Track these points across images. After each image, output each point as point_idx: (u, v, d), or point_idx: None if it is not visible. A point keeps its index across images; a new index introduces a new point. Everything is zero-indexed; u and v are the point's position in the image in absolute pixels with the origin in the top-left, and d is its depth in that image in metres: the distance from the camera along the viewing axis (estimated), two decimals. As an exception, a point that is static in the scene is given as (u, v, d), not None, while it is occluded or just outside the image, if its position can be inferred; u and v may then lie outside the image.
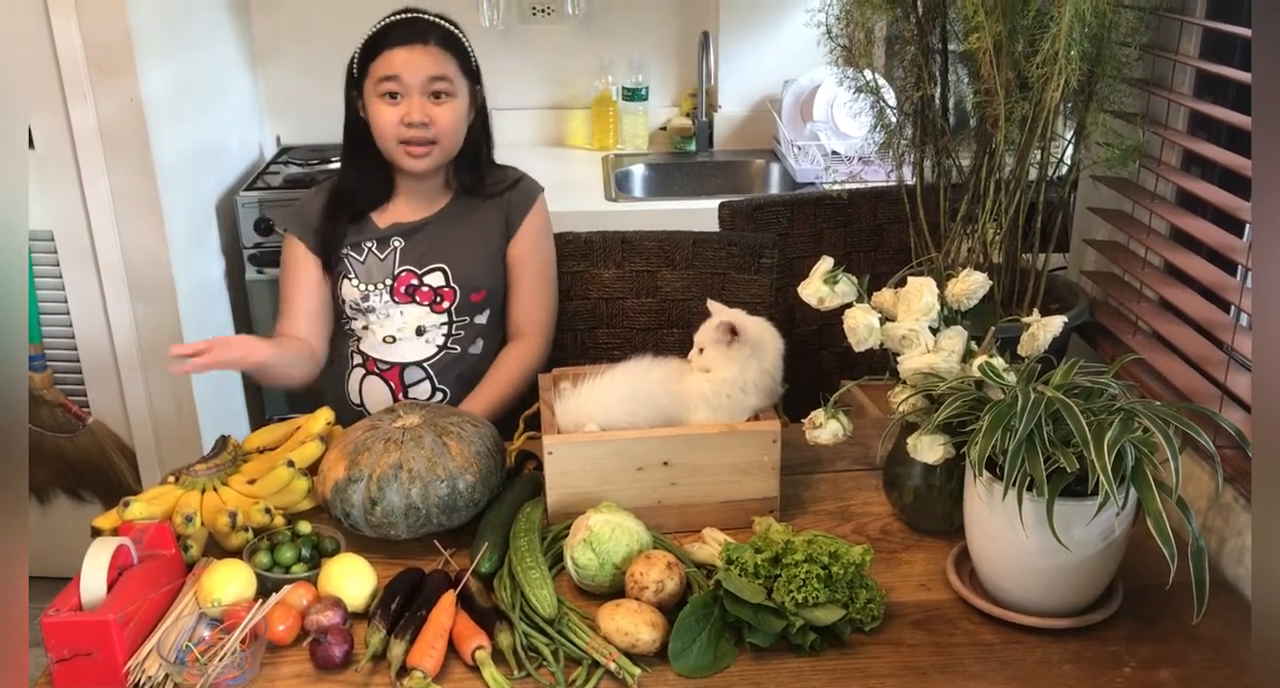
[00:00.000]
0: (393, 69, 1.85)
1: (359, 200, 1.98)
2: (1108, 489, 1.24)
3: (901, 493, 1.62)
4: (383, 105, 1.87)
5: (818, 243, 2.33)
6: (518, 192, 2.02)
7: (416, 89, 1.85)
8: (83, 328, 2.70)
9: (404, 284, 1.96)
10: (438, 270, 1.96)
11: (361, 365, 2.01)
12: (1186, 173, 1.70)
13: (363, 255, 1.96)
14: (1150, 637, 1.40)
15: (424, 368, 1.99)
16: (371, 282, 1.96)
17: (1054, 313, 1.75)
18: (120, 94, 2.47)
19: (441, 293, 1.96)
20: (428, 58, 1.86)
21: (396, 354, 1.98)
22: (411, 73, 1.85)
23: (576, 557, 1.47)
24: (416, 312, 1.97)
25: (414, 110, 1.86)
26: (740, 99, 3.35)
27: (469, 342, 2.00)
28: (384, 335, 1.97)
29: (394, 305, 1.96)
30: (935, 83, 1.76)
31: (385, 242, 1.97)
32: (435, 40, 1.87)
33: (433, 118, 1.87)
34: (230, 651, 1.34)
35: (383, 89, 1.86)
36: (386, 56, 1.86)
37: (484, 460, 1.58)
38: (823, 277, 1.56)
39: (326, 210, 1.98)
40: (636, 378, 1.66)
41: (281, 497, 1.63)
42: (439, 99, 1.87)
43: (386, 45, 1.86)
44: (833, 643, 1.39)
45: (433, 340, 1.98)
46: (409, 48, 1.85)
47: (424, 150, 1.89)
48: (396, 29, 1.87)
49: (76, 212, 2.58)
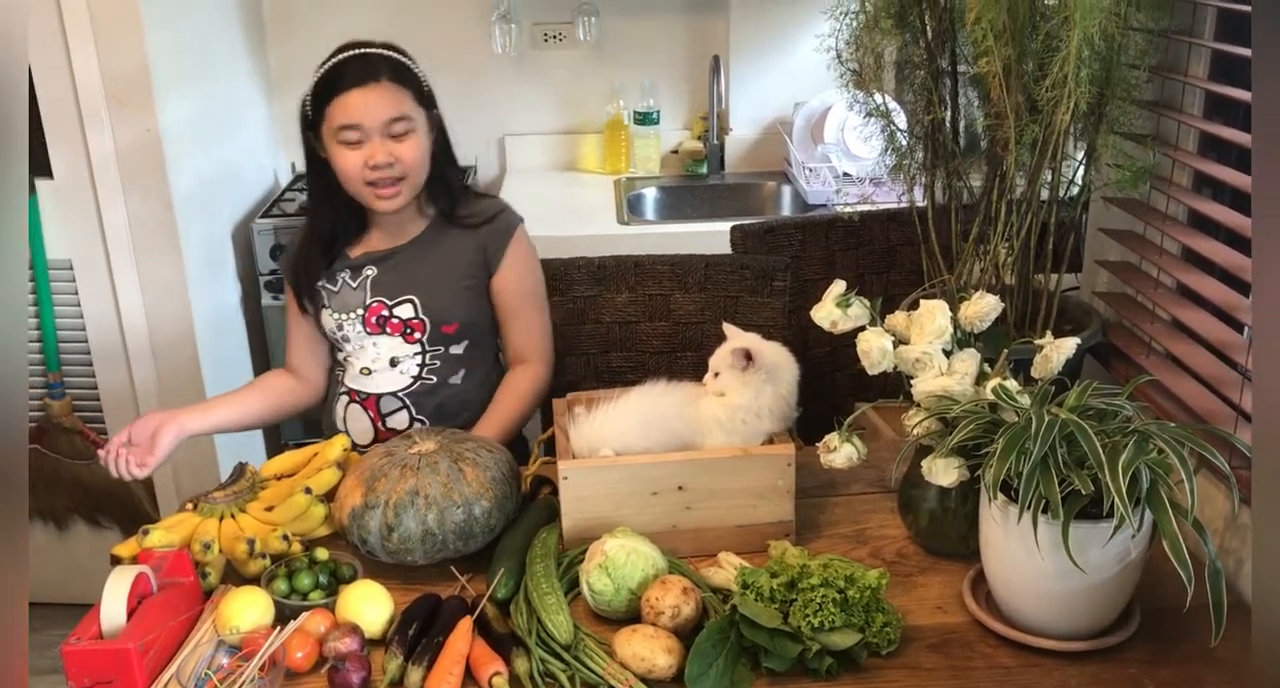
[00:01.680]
0: (350, 116, 1.80)
1: (331, 241, 1.96)
2: (1123, 512, 1.24)
3: (917, 516, 1.62)
4: (344, 150, 1.83)
5: (830, 265, 2.34)
6: (494, 226, 1.96)
7: (376, 131, 1.81)
8: (100, 356, 2.72)
9: (375, 315, 1.94)
10: (407, 301, 1.93)
11: (346, 394, 2.00)
12: (1197, 194, 1.71)
13: (337, 285, 1.95)
14: (1168, 659, 1.39)
15: (399, 398, 1.96)
16: (345, 311, 1.94)
17: (1067, 334, 1.75)
18: (138, 124, 2.50)
19: (412, 324, 1.94)
20: (383, 98, 1.81)
21: (373, 385, 1.96)
22: (369, 117, 1.80)
23: (592, 582, 1.47)
24: (389, 343, 1.95)
25: (377, 153, 1.81)
26: (751, 122, 3.37)
27: (447, 372, 1.97)
28: (360, 367, 1.96)
29: (366, 336, 1.95)
30: (945, 106, 1.77)
31: (358, 270, 1.95)
32: (388, 77, 1.82)
33: (397, 156, 1.83)
34: (249, 678, 1.34)
35: (342, 137, 1.82)
36: (341, 101, 1.80)
37: (499, 486, 1.59)
38: (835, 300, 1.57)
39: (300, 251, 1.97)
40: (651, 402, 1.66)
41: (299, 524, 1.63)
42: (400, 138, 1.83)
43: (339, 89, 1.81)
44: (849, 667, 1.39)
45: (407, 372, 1.96)
46: (363, 90, 1.80)
47: (393, 190, 1.86)
48: (347, 70, 1.82)
49: (94, 241, 2.61)
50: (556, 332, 2.14)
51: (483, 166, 3.43)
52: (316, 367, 2.03)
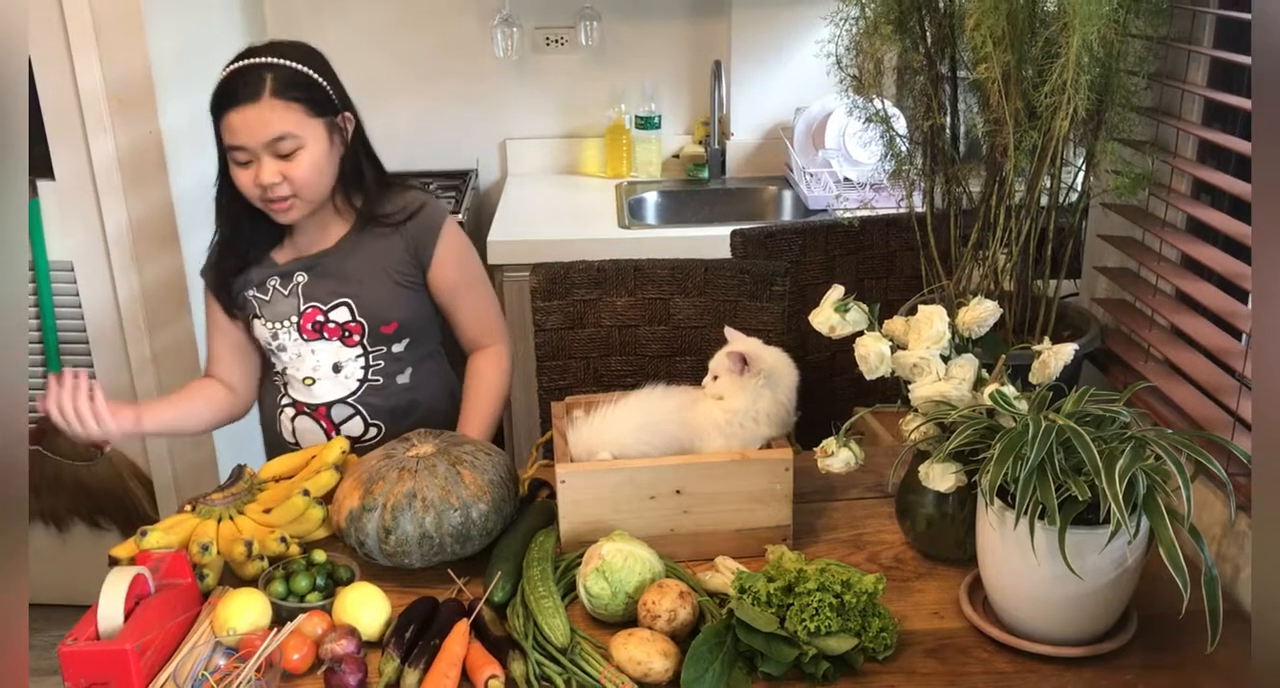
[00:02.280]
0: (234, 137, 1.76)
1: (244, 248, 1.92)
2: (1119, 518, 1.24)
3: (914, 521, 1.62)
4: (237, 169, 1.80)
5: (830, 270, 2.34)
6: (419, 221, 1.91)
7: (261, 151, 1.76)
8: (101, 358, 2.73)
9: (310, 321, 1.90)
10: (342, 305, 1.90)
11: (291, 406, 1.97)
12: (1196, 200, 1.71)
13: (268, 294, 1.92)
14: (1164, 666, 1.39)
15: (350, 404, 1.94)
16: (278, 319, 1.91)
17: (1066, 340, 1.75)
18: (140, 126, 2.51)
19: (349, 328, 1.91)
20: (264, 118, 1.74)
21: (319, 394, 1.94)
22: (250, 138, 1.75)
23: (589, 586, 1.47)
24: (328, 348, 1.92)
25: (264, 173, 1.77)
26: (752, 127, 3.37)
27: (393, 372, 1.95)
28: (302, 377, 1.93)
29: (304, 344, 1.91)
30: (945, 111, 1.77)
31: (288, 277, 1.91)
32: (271, 92, 1.75)
33: (285, 174, 1.78)
34: (246, 680, 1.34)
35: (232, 157, 1.79)
36: (226, 121, 1.76)
37: (497, 489, 1.59)
38: (834, 305, 1.57)
39: (217, 262, 1.94)
40: (649, 406, 1.66)
41: (297, 526, 1.64)
42: (288, 156, 1.77)
43: (224, 108, 1.76)
44: (845, 672, 1.39)
45: (351, 376, 1.93)
46: (242, 110, 1.74)
47: (286, 205, 1.81)
48: (231, 86, 1.76)
49: (96, 242, 2.61)
50: (556, 335, 2.15)
51: (484, 170, 3.44)
52: (246, 377, 2.00)
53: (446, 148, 3.39)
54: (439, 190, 3.20)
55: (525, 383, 2.82)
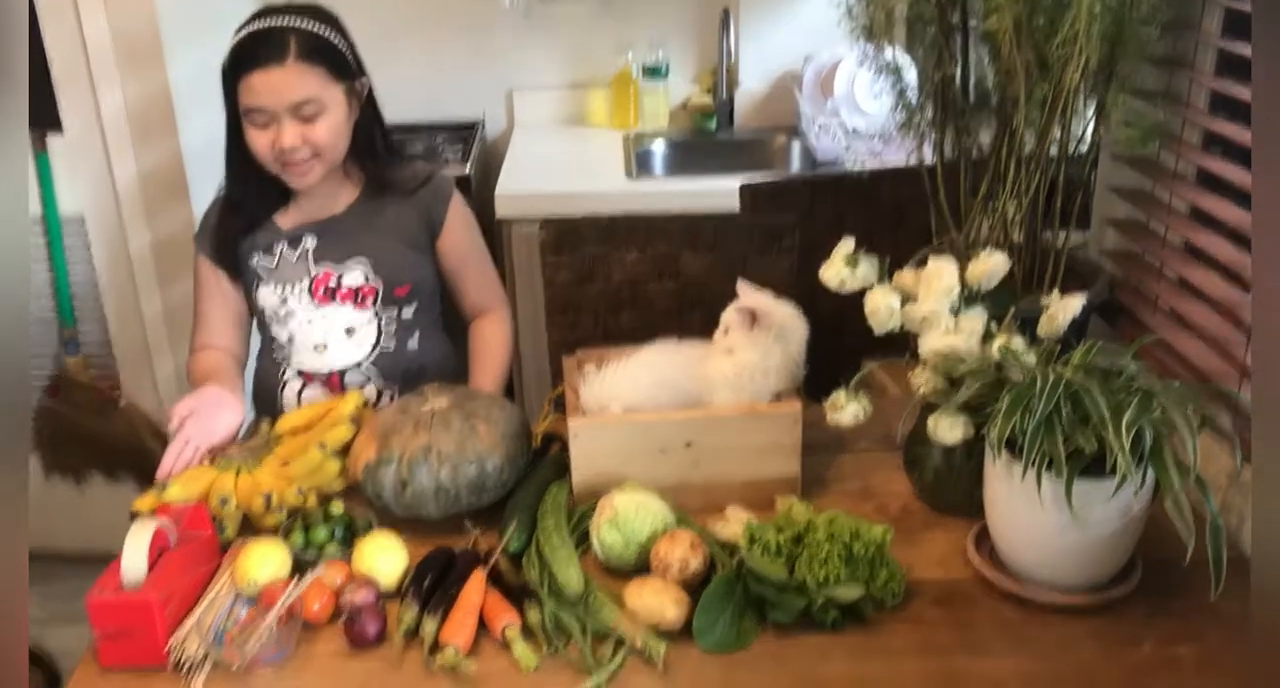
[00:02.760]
0: (255, 99, 1.73)
1: (252, 209, 1.90)
2: (1126, 469, 1.26)
3: (922, 472, 1.64)
4: (254, 131, 1.77)
5: (839, 223, 2.33)
6: (430, 189, 1.94)
7: (285, 113, 1.74)
8: (115, 311, 2.75)
9: (322, 285, 1.90)
10: (357, 266, 1.90)
11: (298, 377, 1.96)
12: (1207, 152, 1.71)
13: (273, 259, 1.90)
14: (1169, 613, 1.41)
15: (363, 371, 1.94)
16: (286, 282, 1.90)
17: (1074, 292, 1.76)
18: (148, 80, 2.50)
19: (363, 291, 1.90)
20: (288, 81, 1.73)
21: (330, 362, 1.93)
22: (274, 101, 1.73)
23: (602, 536, 1.50)
24: (340, 312, 1.91)
25: (285, 136, 1.75)
26: (761, 76, 3.35)
27: (404, 337, 1.96)
28: (313, 344, 1.92)
29: (315, 309, 1.90)
30: (956, 62, 1.76)
31: (296, 241, 1.90)
32: (295, 55, 1.73)
33: (306, 137, 1.77)
34: (267, 629, 1.37)
35: (250, 119, 1.76)
36: (246, 83, 1.73)
37: (511, 443, 1.61)
38: (844, 259, 1.58)
39: (221, 222, 1.92)
40: (660, 361, 1.68)
41: (314, 478, 1.66)
42: (310, 119, 1.76)
43: (244, 68, 1.73)
44: (854, 620, 1.41)
45: (365, 340, 1.93)
46: (266, 71, 1.72)
47: (305, 167, 1.80)
48: (252, 47, 1.74)
49: (107, 196, 2.62)
50: (565, 290, 2.16)
51: (490, 121, 3.42)
52: (242, 342, 1.99)
53: (453, 99, 3.38)
54: (445, 142, 3.20)
55: (535, 337, 2.84)
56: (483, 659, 1.37)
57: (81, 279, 2.73)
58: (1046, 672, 1.34)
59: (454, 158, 3.08)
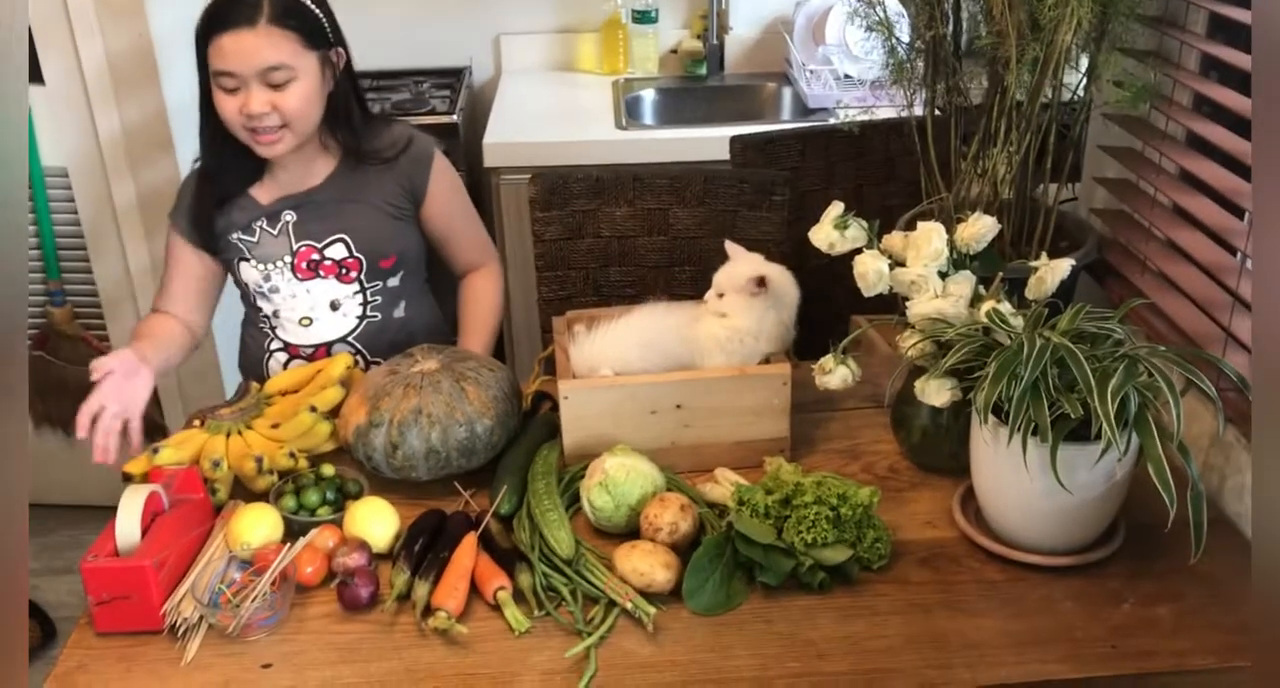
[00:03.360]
0: (225, 62, 1.69)
1: (227, 182, 1.86)
2: (1110, 436, 1.27)
3: (909, 432, 1.65)
4: (222, 95, 1.73)
5: (829, 176, 2.33)
6: (410, 156, 1.90)
7: (253, 79, 1.70)
8: (100, 263, 2.73)
9: (304, 260, 1.87)
10: (338, 242, 1.87)
11: (284, 350, 1.95)
12: (1197, 114, 1.70)
13: (254, 235, 1.87)
14: (1150, 574, 1.44)
15: (349, 343, 1.93)
16: (269, 260, 1.87)
17: (1063, 251, 1.76)
18: (129, 30, 2.46)
19: (346, 264, 1.88)
20: (259, 45, 1.68)
21: (316, 335, 1.92)
22: (243, 64, 1.69)
23: (593, 499, 1.51)
24: (324, 286, 1.89)
25: (252, 102, 1.71)
26: (752, 21, 3.31)
27: (389, 306, 1.95)
28: (299, 318, 1.91)
29: (298, 283, 1.88)
30: (948, 21, 1.75)
31: (275, 217, 1.86)
32: (267, 19, 1.69)
33: (275, 104, 1.72)
34: (261, 592, 1.39)
35: (218, 81, 1.72)
36: (217, 44, 1.69)
37: (501, 404, 1.62)
38: (833, 222, 1.57)
39: (196, 196, 1.87)
40: (650, 323, 1.68)
41: (305, 440, 1.67)
42: (280, 86, 1.72)
43: (215, 30, 1.69)
44: (841, 581, 1.44)
45: (350, 313, 1.92)
46: (237, 34, 1.68)
47: (274, 137, 1.76)
48: (225, 7, 1.70)
49: (90, 148, 2.59)
50: (555, 246, 2.15)
51: (477, 68, 3.38)
52: (204, 315, 1.95)
53: (439, 45, 3.33)
54: (432, 88, 3.16)
55: (525, 293, 2.84)
56: (474, 622, 1.39)
57: (66, 231, 2.71)
58: (1029, 630, 1.36)
59: (441, 104, 3.05)
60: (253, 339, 2.00)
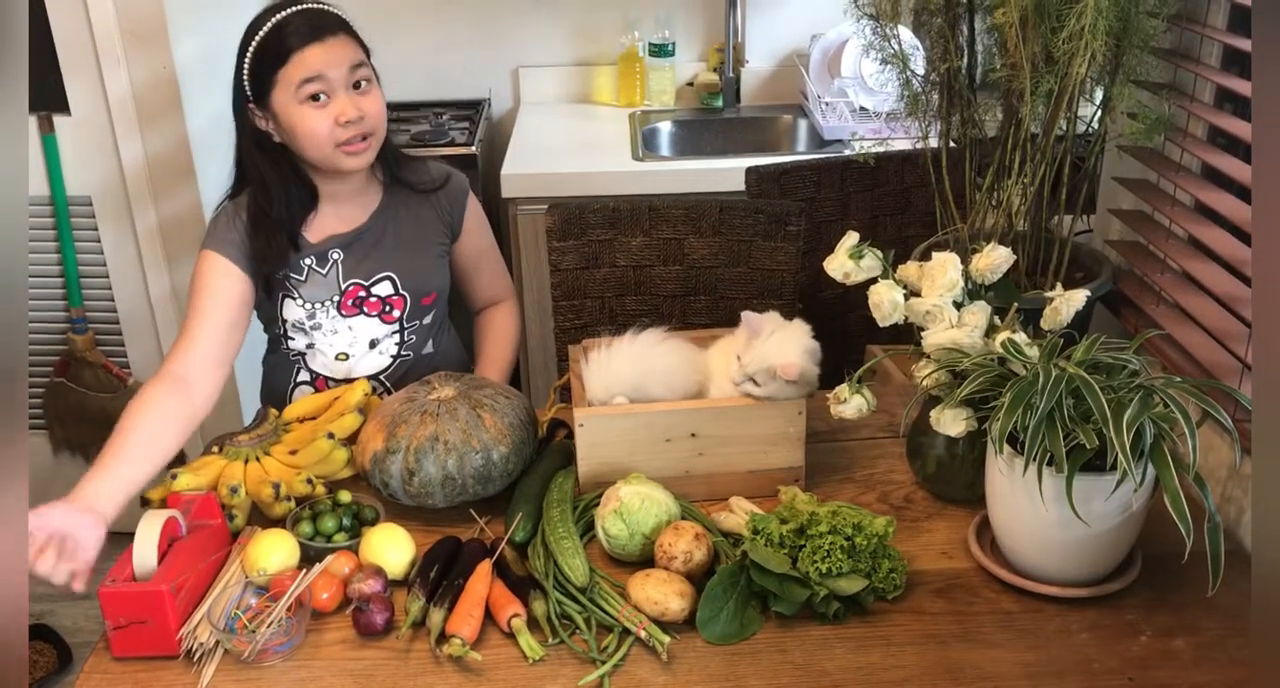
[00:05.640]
0: (313, 69, 1.71)
1: (284, 219, 1.83)
2: (1126, 467, 1.27)
3: (925, 462, 1.65)
4: (309, 110, 1.74)
5: (845, 207, 2.35)
6: (449, 190, 1.96)
7: (342, 85, 1.74)
8: (122, 291, 2.76)
9: (351, 297, 1.88)
10: (385, 280, 1.89)
11: (310, 383, 1.95)
12: (1212, 145, 1.70)
13: (303, 274, 1.86)
14: (1166, 606, 1.43)
15: (381, 381, 1.94)
16: (317, 300, 1.87)
17: (1078, 282, 1.77)
18: (154, 61, 2.50)
19: (391, 302, 1.90)
20: (343, 48, 1.74)
21: (351, 370, 1.93)
22: (334, 67, 1.72)
23: (608, 527, 1.51)
24: (366, 324, 1.90)
25: (348, 108, 1.74)
26: (768, 54, 3.34)
27: (422, 344, 1.97)
28: (336, 353, 1.91)
29: (341, 320, 1.89)
30: (962, 54, 1.76)
31: (324, 257, 1.86)
32: (339, 28, 1.76)
33: (363, 110, 1.76)
34: (277, 618, 1.40)
35: (306, 92, 1.72)
36: (299, 58, 1.71)
37: (517, 432, 1.62)
38: (848, 251, 1.58)
39: (253, 233, 1.81)
40: (664, 352, 1.68)
41: (322, 467, 1.68)
42: (362, 89, 1.77)
43: (294, 47, 1.72)
44: (856, 611, 1.43)
45: (386, 352, 1.93)
46: (322, 43, 1.72)
47: (363, 146, 1.78)
48: (298, 26, 1.73)
49: (114, 177, 2.63)
50: (572, 275, 2.17)
51: (496, 100, 3.42)
52: (221, 370, 1.79)
53: (458, 77, 3.37)
54: (451, 120, 3.19)
55: (541, 322, 2.85)
56: (488, 650, 1.39)
57: (89, 259, 2.74)
58: (1045, 662, 1.36)
59: (460, 136, 3.08)
60: (278, 369, 1.99)
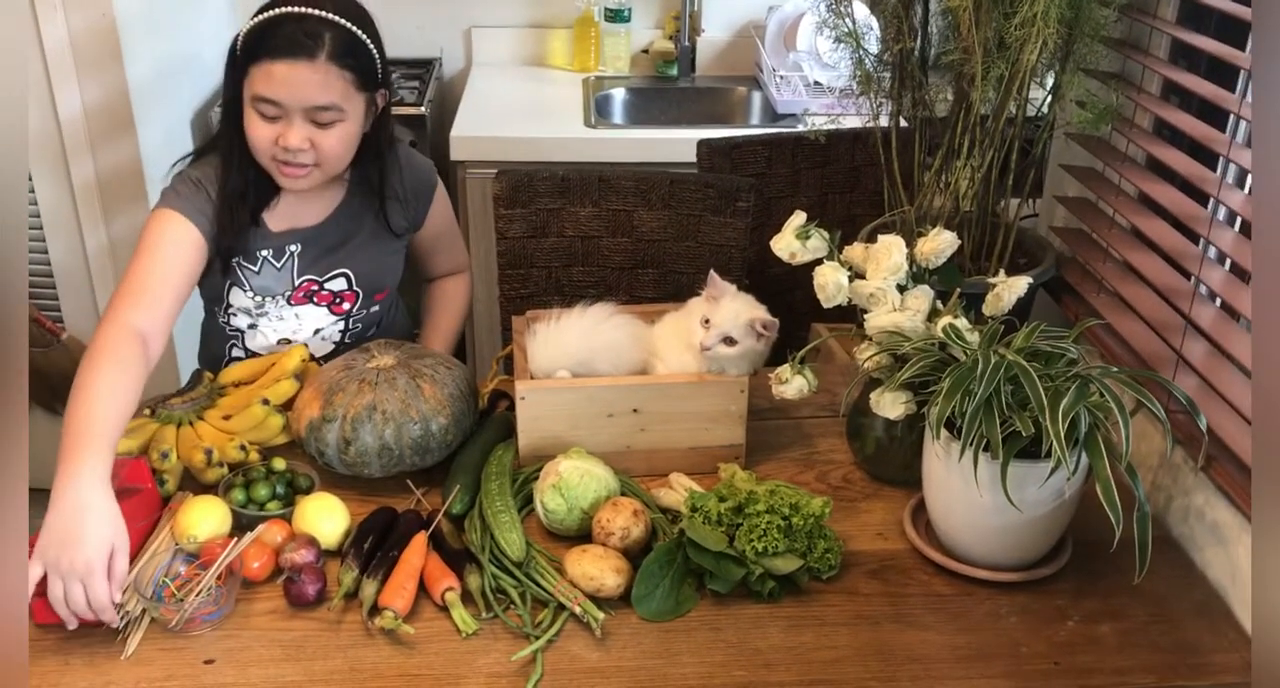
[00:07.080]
0: (272, 90, 1.58)
1: (249, 201, 1.73)
2: (1060, 455, 1.28)
3: (864, 443, 1.66)
4: (257, 119, 1.62)
5: (795, 183, 2.34)
6: (414, 188, 1.86)
7: (298, 114, 1.61)
8: (56, 243, 2.69)
9: (303, 291, 1.82)
10: (340, 276, 1.83)
11: (246, 355, 1.89)
12: (1157, 137, 1.72)
13: (257, 265, 1.77)
14: (1094, 592, 1.46)
15: (320, 363, 1.86)
16: (269, 293, 1.80)
17: (1022, 268, 1.78)
18: (91, 9, 2.43)
19: (343, 296, 1.85)
20: (314, 80, 1.59)
21: None
22: (293, 97, 1.59)
23: (546, 501, 1.51)
24: (314, 314, 1.85)
25: (291, 136, 1.61)
26: (724, 24, 3.32)
27: (366, 330, 1.93)
28: (277, 339, 1.86)
29: (289, 309, 1.83)
30: (915, 35, 1.75)
31: (281, 250, 1.78)
32: (327, 54, 1.58)
33: (315, 143, 1.63)
34: (206, 587, 1.37)
35: (258, 106, 1.61)
36: (266, 69, 1.57)
37: (457, 403, 1.61)
38: (795, 231, 1.58)
39: (223, 207, 1.70)
40: (609, 326, 1.67)
41: (256, 433, 1.65)
42: (324, 126, 1.63)
43: (268, 52, 1.57)
44: (790, 591, 1.44)
45: (329, 338, 1.89)
46: (293, 64, 1.57)
47: (302, 172, 1.67)
48: (283, 33, 1.58)
49: (49, 126, 2.55)
50: (519, 243, 2.15)
51: (448, 60, 3.37)
52: (170, 321, 1.66)
53: (409, 35, 3.31)
54: (401, 79, 3.14)
55: (487, 290, 2.83)
56: (421, 623, 1.38)
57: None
58: (974, 645, 1.38)
59: (409, 95, 3.03)
60: (215, 335, 1.93)
